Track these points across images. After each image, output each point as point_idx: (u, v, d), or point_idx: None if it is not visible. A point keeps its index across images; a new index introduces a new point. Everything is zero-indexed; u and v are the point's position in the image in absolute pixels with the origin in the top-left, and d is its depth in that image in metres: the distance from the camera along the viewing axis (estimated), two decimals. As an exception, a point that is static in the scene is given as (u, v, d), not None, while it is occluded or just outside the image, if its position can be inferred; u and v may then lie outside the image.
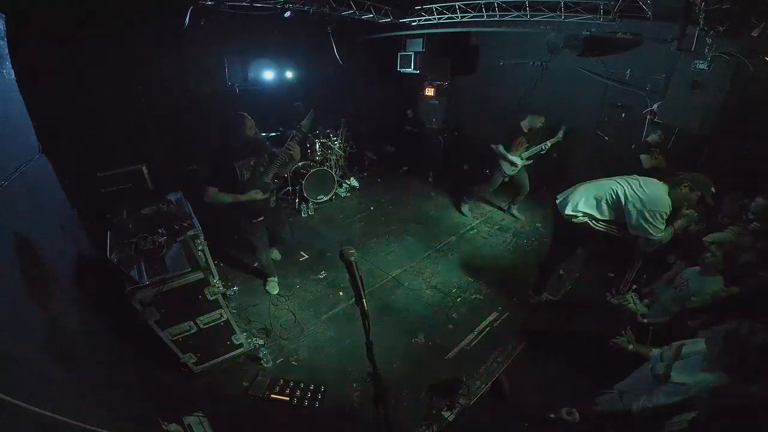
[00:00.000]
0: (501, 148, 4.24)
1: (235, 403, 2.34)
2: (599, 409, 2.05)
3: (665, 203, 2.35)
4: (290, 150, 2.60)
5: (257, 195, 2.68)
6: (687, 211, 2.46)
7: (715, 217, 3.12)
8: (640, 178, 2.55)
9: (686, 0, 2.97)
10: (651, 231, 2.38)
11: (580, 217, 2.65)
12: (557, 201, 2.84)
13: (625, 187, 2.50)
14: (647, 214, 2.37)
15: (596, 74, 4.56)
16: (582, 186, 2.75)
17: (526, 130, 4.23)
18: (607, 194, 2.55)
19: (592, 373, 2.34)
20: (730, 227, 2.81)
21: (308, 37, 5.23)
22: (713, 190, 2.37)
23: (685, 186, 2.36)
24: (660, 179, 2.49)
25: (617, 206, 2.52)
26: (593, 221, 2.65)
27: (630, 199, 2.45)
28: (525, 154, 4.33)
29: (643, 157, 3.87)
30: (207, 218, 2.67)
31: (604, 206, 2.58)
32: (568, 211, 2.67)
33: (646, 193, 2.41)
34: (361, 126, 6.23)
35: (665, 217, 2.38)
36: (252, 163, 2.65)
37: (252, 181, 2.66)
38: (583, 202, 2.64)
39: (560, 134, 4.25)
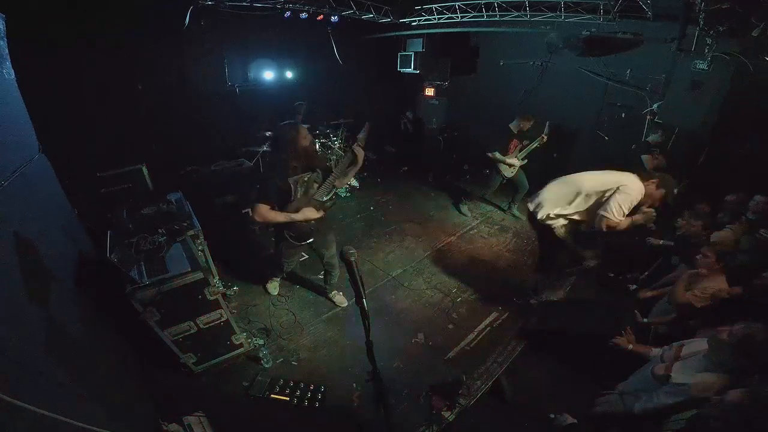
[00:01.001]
0: (497, 155, 4.27)
1: (235, 403, 2.34)
2: (600, 410, 2.05)
3: (638, 191, 2.37)
4: (355, 153, 2.41)
5: (312, 214, 2.39)
6: (647, 209, 2.44)
7: (714, 217, 3.13)
8: (613, 171, 2.56)
9: (686, 0, 2.97)
10: (614, 211, 2.37)
11: (552, 218, 2.66)
12: (529, 205, 2.82)
13: (596, 176, 2.53)
14: (619, 195, 2.37)
15: (596, 74, 4.55)
16: (550, 185, 2.74)
17: (516, 132, 4.26)
18: (575, 186, 2.56)
19: (592, 373, 2.34)
20: (729, 226, 2.82)
21: (308, 37, 5.23)
22: (676, 191, 2.38)
23: (652, 183, 2.36)
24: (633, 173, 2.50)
25: (586, 197, 2.53)
26: (563, 218, 2.66)
27: (604, 184, 2.46)
28: (520, 155, 4.35)
29: (644, 157, 3.88)
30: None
31: (574, 199, 2.57)
32: (541, 215, 2.67)
33: (621, 180, 2.42)
34: (361, 126, 6.24)
35: (631, 205, 2.39)
36: (306, 178, 2.41)
37: (305, 198, 2.41)
38: (553, 202, 2.64)
39: (546, 129, 4.28)
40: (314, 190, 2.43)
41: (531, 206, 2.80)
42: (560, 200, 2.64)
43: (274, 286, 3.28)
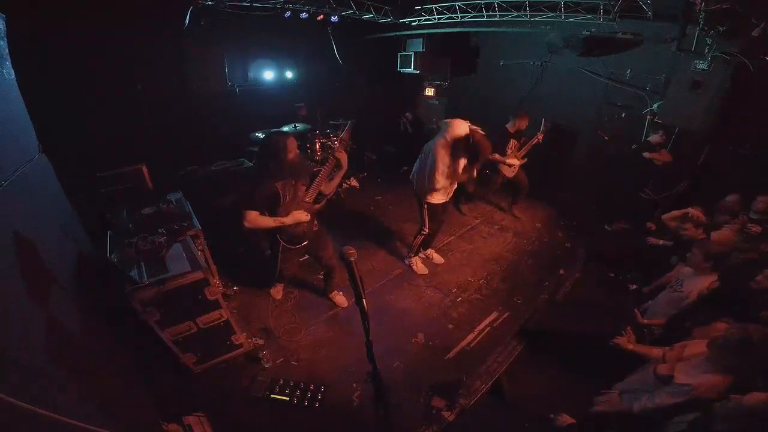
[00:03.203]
0: (496, 155, 4.26)
1: (235, 403, 2.34)
2: (599, 409, 2.05)
3: (436, 171, 2.96)
4: (337, 158, 2.40)
5: (302, 216, 2.43)
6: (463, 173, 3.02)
7: (711, 217, 3.13)
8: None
9: (686, 0, 2.97)
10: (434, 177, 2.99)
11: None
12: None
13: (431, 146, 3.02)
14: (427, 173, 3.04)
15: (596, 74, 4.56)
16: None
17: (512, 131, 4.24)
18: (424, 153, 3.12)
19: (592, 373, 2.34)
20: (726, 226, 2.82)
21: (308, 37, 5.23)
22: (490, 157, 3.37)
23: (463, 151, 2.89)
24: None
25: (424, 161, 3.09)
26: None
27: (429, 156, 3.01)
28: (519, 154, 4.34)
29: (645, 155, 3.89)
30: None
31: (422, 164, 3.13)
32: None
33: (435, 161, 2.93)
34: (361, 126, 6.24)
35: (435, 176, 2.98)
36: (294, 183, 2.42)
37: (294, 202, 2.43)
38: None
39: (542, 127, 4.26)
40: (302, 193, 2.45)
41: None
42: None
43: (278, 292, 3.27)
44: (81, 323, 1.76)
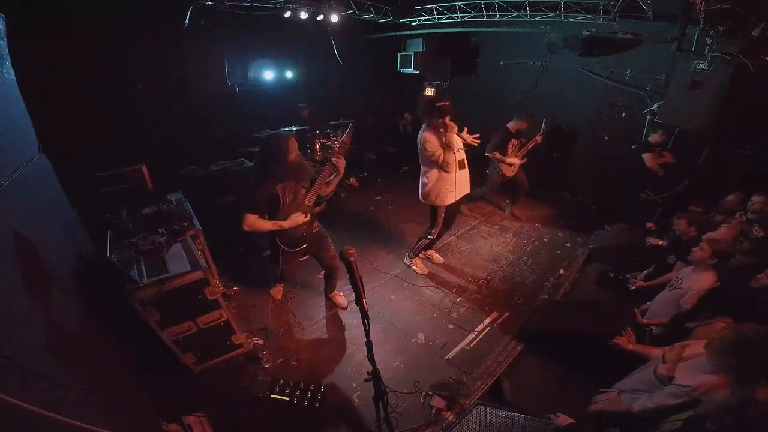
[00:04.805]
0: (497, 154, 4.26)
1: (235, 403, 2.34)
2: (596, 408, 2.05)
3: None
4: (335, 164, 2.40)
5: (300, 219, 2.43)
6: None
7: (708, 216, 3.13)
8: None
9: (686, 0, 2.97)
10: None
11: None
12: None
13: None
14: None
15: (596, 74, 4.56)
16: None
17: (513, 131, 4.24)
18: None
19: (592, 373, 2.33)
20: (723, 225, 2.82)
21: (308, 37, 5.23)
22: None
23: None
24: None
25: None
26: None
27: None
28: (520, 154, 4.35)
29: (645, 156, 3.88)
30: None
31: None
32: None
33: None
34: (361, 126, 6.24)
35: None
36: (294, 185, 2.41)
37: (294, 205, 2.43)
38: None
39: (542, 128, 4.25)
40: (302, 195, 2.45)
41: None
42: None
43: (279, 292, 3.27)
44: (81, 323, 1.76)
